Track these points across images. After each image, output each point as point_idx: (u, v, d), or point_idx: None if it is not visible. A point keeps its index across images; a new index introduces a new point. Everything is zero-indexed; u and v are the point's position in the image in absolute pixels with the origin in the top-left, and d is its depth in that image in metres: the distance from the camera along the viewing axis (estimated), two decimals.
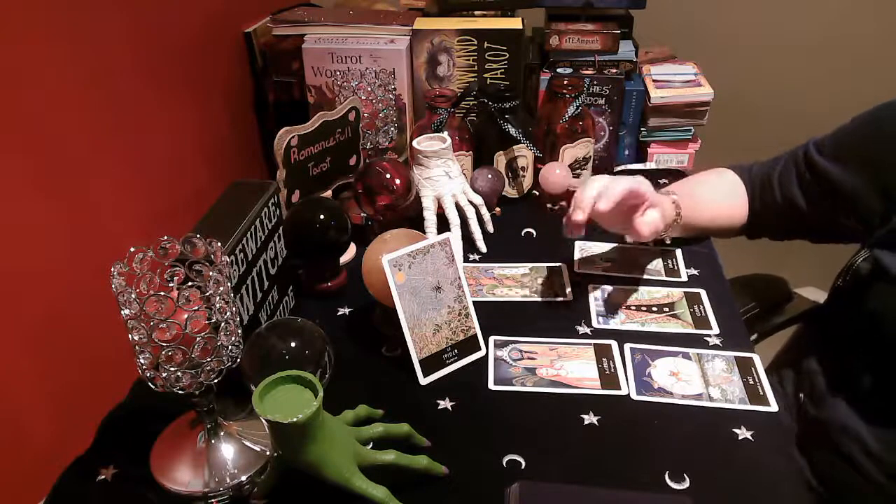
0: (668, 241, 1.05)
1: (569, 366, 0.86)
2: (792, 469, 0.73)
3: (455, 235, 1.05)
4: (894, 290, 0.81)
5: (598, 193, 0.85)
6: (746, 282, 1.22)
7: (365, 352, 0.90)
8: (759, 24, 1.67)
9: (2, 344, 0.73)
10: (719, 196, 1.02)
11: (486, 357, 0.88)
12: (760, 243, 1.06)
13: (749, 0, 1.65)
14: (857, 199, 0.88)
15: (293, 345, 0.77)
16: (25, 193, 0.76)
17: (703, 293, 0.98)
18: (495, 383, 0.84)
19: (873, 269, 0.84)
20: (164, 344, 0.63)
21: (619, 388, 0.83)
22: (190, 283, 0.65)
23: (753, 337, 1.13)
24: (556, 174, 1.15)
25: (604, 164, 1.31)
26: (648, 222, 0.88)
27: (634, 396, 0.82)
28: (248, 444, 0.75)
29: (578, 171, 1.21)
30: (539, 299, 0.98)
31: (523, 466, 0.74)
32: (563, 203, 1.20)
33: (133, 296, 0.62)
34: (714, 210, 1.02)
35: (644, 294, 0.98)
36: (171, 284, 0.66)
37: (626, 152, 1.34)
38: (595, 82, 1.24)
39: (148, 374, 0.66)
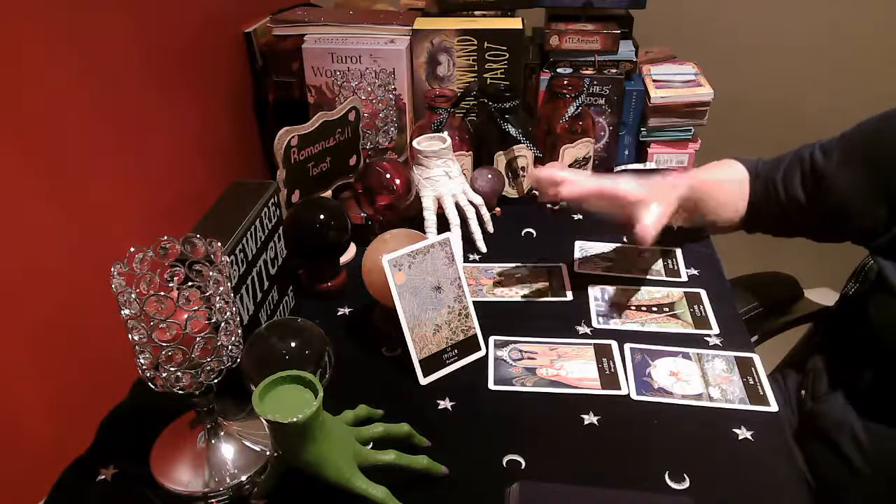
0: (675, 227, 1.01)
1: (569, 366, 0.86)
2: (792, 469, 0.73)
3: (455, 235, 1.05)
4: (893, 302, 0.82)
5: (566, 178, 0.88)
6: (753, 280, 1.22)
7: (365, 352, 0.90)
8: (759, 24, 1.67)
9: (2, 344, 0.73)
10: (728, 181, 0.99)
11: (486, 357, 0.88)
12: (772, 242, 1.05)
13: (749, 0, 1.65)
14: (860, 204, 0.88)
15: (293, 345, 0.77)
16: (26, 193, 0.76)
17: (703, 293, 0.98)
18: (495, 383, 0.84)
19: (876, 277, 0.85)
20: (164, 344, 0.63)
21: (619, 388, 0.83)
22: (190, 283, 0.65)
23: (755, 337, 1.13)
24: None
25: (604, 164, 1.31)
26: (648, 224, 0.87)
27: (634, 396, 0.82)
28: (248, 444, 0.75)
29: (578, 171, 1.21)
30: (539, 299, 0.99)
31: (523, 466, 0.74)
32: (564, 203, 1.20)
33: (133, 296, 0.62)
34: (722, 195, 0.99)
35: (644, 294, 0.99)
36: (171, 284, 0.66)
37: (626, 152, 1.34)
38: (595, 82, 1.24)
39: (148, 374, 0.66)
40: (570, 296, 0.99)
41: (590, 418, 0.79)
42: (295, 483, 0.70)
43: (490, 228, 1.12)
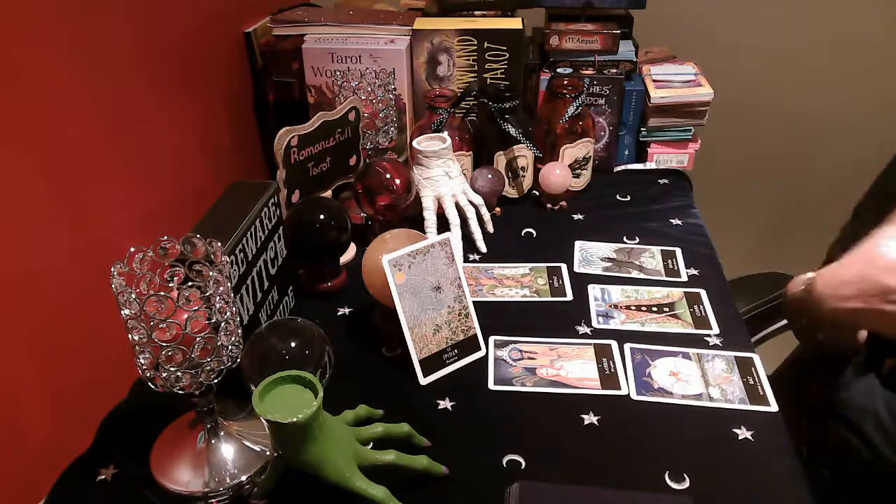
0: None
1: (569, 366, 0.86)
2: (792, 469, 0.73)
3: (455, 235, 1.05)
4: None
5: None
6: (754, 280, 1.22)
7: (365, 352, 0.90)
8: (759, 24, 1.67)
9: (2, 344, 0.73)
10: None
11: (486, 357, 0.88)
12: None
13: (749, 1, 1.65)
14: None
15: (293, 345, 0.77)
16: (26, 193, 0.75)
17: (703, 293, 0.98)
18: (495, 383, 0.84)
19: None
20: (164, 344, 0.63)
21: (619, 388, 0.83)
22: (190, 283, 0.65)
23: (760, 335, 1.13)
24: (556, 174, 1.15)
25: (604, 164, 1.32)
26: None
27: (634, 396, 0.82)
28: (248, 444, 0.75)
29: (578, 171, 1.21)
30: (539, 299, 0.99)
31: (523, 466, 0.74)
32: (564, 203, 1.20)
33: (133, 296, 0.62)
34: None
35: (644, 294, 0.99)
36: (171, 284, 0.66)
37: (626, 152, 1.34)
38: (595, 82, 1.24)
39: (148, 374, 0.66)
40: (570, 296, 0.99)
41: (590, 418, 0.79)
42: (295, 483, 0.70)
43: (490, 228, 1.12)
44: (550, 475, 0.73)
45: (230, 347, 0.68)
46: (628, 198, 1.23)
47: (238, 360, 0.70)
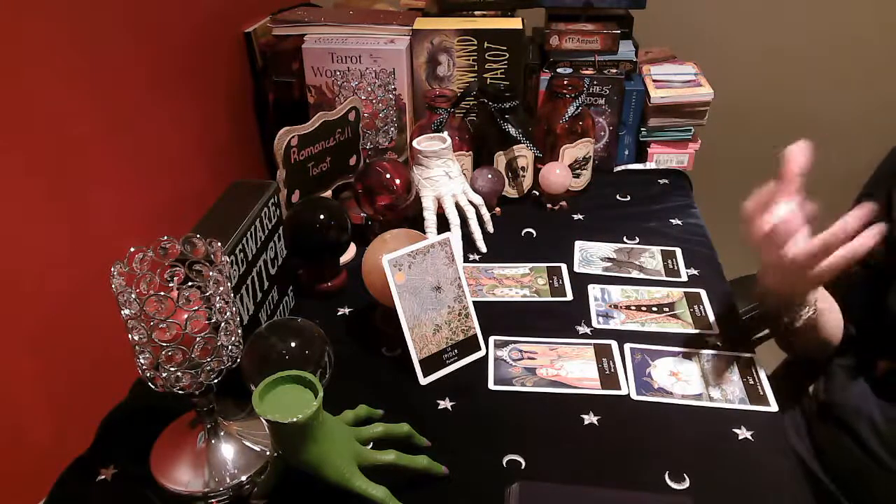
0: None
1: (569, 366, 0.86)
2: (792, 469, 0.73)
3: (455, 235, 1.05)
4: None
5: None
6: (754, 281, 1.21)
7: (365, 352, 0.90)
8: (759, 25, 1.67)
9: (2, 344, 0.73)
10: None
11: (486, 357, 0.88)
12: None
13: (749, 1, 1.65)
14: None
15: (293, 345, 0.77)
16: (25, 193, 0.76)
17: (703, 293, 0.98)
18: (495, 383, 0.84)
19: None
20: (164, 344, 0.63)
21: (619, 388, 0.83)
22: (190, 283, 0.65)
23: (760, 335, 1.13)
24: (556, 174, 1.15)
25: (604, 164, 1.32)
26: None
27: (634, 396, 0.82)
28: (248, 444, 0.75)
29: (578, 171, 1.21)
30: (539, 299, 0.99)
31: (523, 466, 0.74)
32: (564, 203, 1.20)
33: (133, 296, 0.62)
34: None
35: (644, 294, 0.99)
36: (171, 284, 0.66)
37: (626, 152, 1.34)
38: (595, 82, 1.24)
39: (148, 374, 0.66)
40: (570, 296, 0.99)
41: (590, 418, 0.79)
42: (295, 483, 0.70)
43: (490, 228, 1.12)
44: (550, 475, 0.73)
45: (230, 347, 0.68)
46: (628, 198, 1.23)
47: (238, 360, 0.70)
